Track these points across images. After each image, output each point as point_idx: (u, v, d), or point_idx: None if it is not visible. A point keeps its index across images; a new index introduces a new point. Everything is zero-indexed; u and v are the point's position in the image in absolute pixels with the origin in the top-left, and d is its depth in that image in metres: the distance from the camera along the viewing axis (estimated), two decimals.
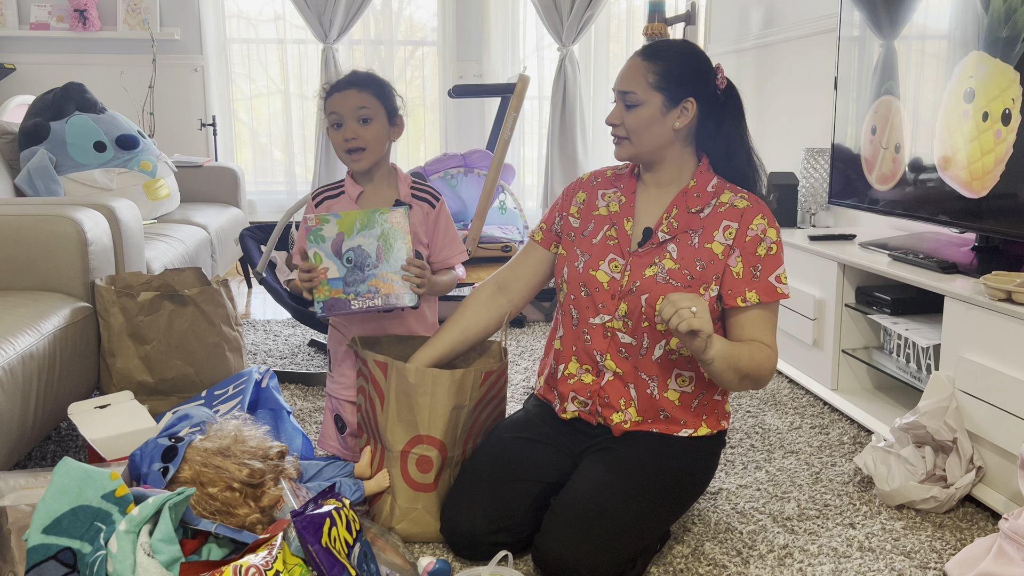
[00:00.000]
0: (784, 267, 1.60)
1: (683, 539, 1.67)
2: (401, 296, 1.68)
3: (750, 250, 1.58)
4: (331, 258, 1.67)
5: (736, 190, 1.64)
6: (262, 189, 5.11)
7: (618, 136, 1.64)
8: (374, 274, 1.67)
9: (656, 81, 1.58)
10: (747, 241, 1.58)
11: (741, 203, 1.61)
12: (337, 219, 1.66)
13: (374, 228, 1.66)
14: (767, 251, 1.59)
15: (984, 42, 1.95)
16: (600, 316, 1.64)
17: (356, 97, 1.75)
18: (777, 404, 2.45)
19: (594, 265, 1.66)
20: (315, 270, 1.66)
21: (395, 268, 1.67)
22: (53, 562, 1.26)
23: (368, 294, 1.67)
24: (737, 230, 1.59)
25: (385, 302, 1.68)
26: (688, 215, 1.62)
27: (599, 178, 1.77)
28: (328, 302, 1.68)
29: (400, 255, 1.67)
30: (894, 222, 2.74)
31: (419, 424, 1.62)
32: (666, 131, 1.60)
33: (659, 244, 1.62)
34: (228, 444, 1.50)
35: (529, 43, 5.13)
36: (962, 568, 1.50)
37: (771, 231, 1.60)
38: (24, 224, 1.98)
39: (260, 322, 3.42)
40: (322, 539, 1.18)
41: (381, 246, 1.67)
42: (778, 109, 3.61)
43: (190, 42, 4.81)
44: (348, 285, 1.67)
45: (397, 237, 1.67)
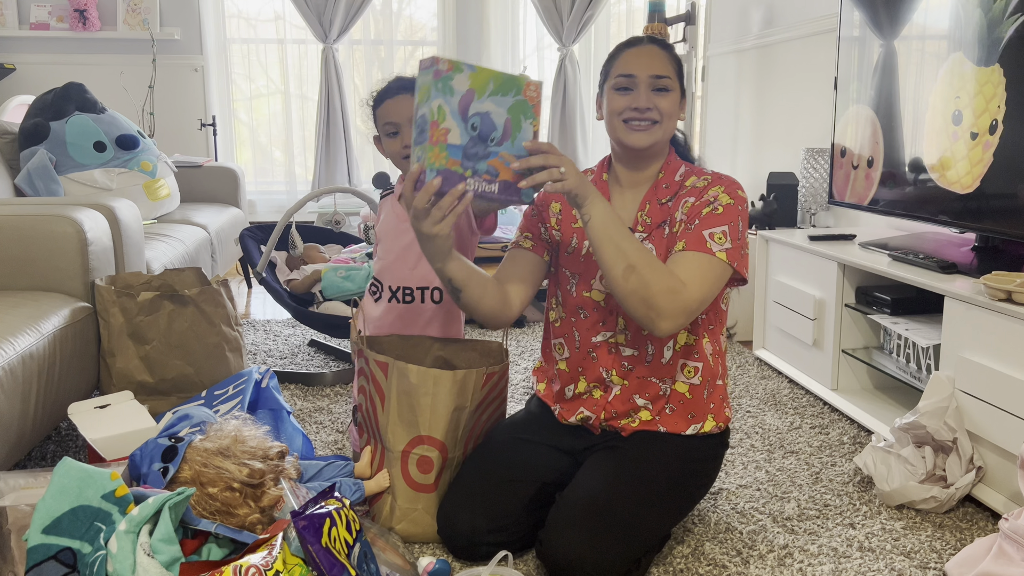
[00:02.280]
0: (724, 229, 1.52)
1: (683, 539, 1.67)
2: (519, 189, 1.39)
3: (695, 212, 1.56)
4: (455, 118, 1.34)
5: (701, 173, 1.62)
6: (262, 189, 5.11)
7: (650, 120, 1.58)
8: (496, 152, 1.37)
9: (677, 71, 1.61)
10: (697, 206, 1.57)
11: (702, 183, 1.60)
12: (471, 71, 1.34)
13: (507, 96, 1.37)
14: (711, 211, 1.54)
15: (967, 46, 1.95)
16: (602, 333, 1.64)
17: (411, 103, 1.77)
18: (777, 404, 2.45)
19: (586, 286, 1.64)
20: (435, 127, 1.33)
21: (519, 151, 1.39)
22: (53, 562, 1.26)
23: (487, 175, 1.37)
24: (693, 202, 1.58)
25: (501, 191, 1.38)
26: (659, 208, 1.62)
27: None
28: (443, 172, 1.34)
29: (527, 137, 1.39)
30: (894, 222, 2.74)
31: (420, 425, 1.62)
32: (675, 122, 1.62)
33: None
34: (228, 444, 1.50)
35: (529, 43, 5.13)
36: (962, 568, 1.50)
37: (724, 196, 1.56)
38: (24, 224, 1.98)
39: (260, 322, 3.42)
40: (322, 539, 1.18)
41: (510, 120, 1.38)
42: (778, 109, 3.61)
43: (190, 42, 4.81)
44: (467, 158, 1.36)
45: (527, 115, 1.39)
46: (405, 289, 1.88)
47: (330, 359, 2.91)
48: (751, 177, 3.94)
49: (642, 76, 1.57)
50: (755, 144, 3.89)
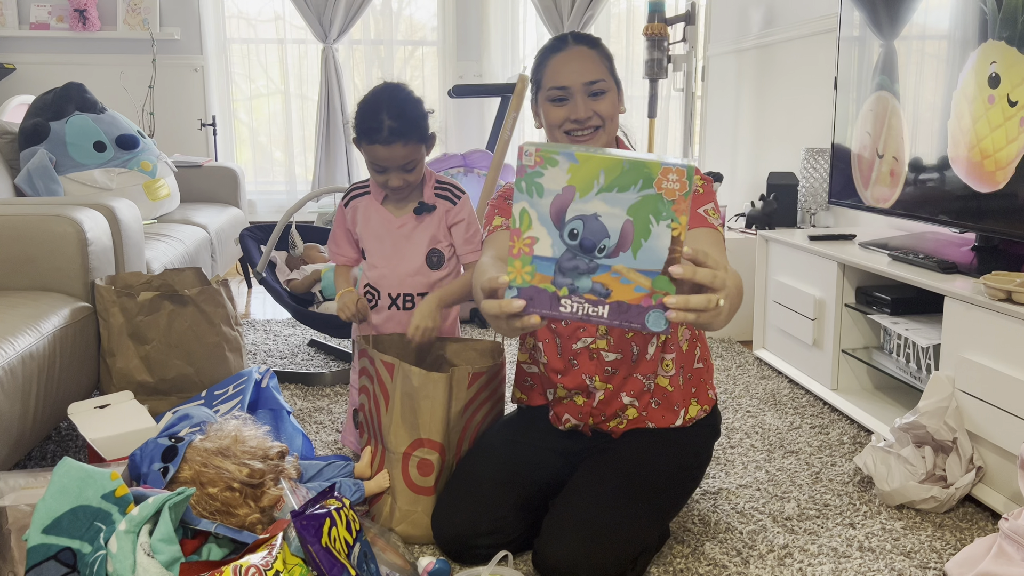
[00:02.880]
0: (713, 205, 1.52)
1: (683, 539, 1.67)
2: (645, 312, 1.07)
3: None
4: (545, 224, 1.07)
5: None
6: (262, 189, 5.11)
7: (592, 127, 1.55)
8: (607, 266, 1.06)
9: (608, 68, 1.57)
10: None
11: None
12: (571, 163, 1.05)
13: (628, 191, 1.04)
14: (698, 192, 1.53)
15: (998, 32, 1.95)
16: (582, 340, 1.61)
17: (402, 151, 1.74)
18: (777, 404, 2.45)
19: None
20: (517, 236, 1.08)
21: (646, 265, 1.05)
22: (53, 562, 1.26)
23: (590, 295, 1.08)
24: None
25: (613, 315, 1.08)
26: None
27: None
28: (525, 291, 1.08)
29: (660, 247, 1.05)
30: (894, 222, 2.74)
31: (420, 427, 1.62)
32: (618, 120, 1.60)
33: None
34: (228, 444, 1.50)
35: (529, 43, 5.13)
36: (962, 568, 1.50)
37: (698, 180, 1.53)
38: (24, 224, 1.98)
39: (260, 322, 3.42)
40: (322, 539, 1.18)
41: (632, 223, 1.05)
42: (778, 109, 3.61)
43: (190, 42, 4.81)
44: (563, 274, 1.08)
45: (663, 215, 1.04)
46: (406, 296, 1.88)
47: (330, 359, 2.91)
48: (751, 177, 3.94)
49: (575, 86, 1.52)
50: (755, 144, 3.89)
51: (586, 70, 1.54)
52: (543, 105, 1.57)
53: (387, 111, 1.72)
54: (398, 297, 1.88)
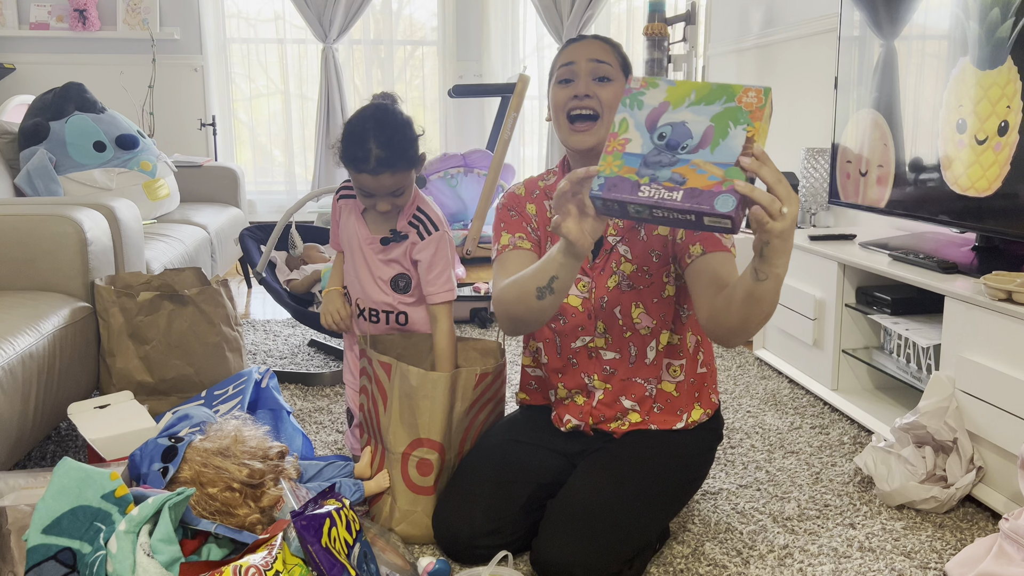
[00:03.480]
0: None
1: (683, 539, 1.67)
2: (715, 195, 1.15)
3: None
4: (639, 129, 1.23)
5: None
6: (262, 189, 5.11)
7: (590, 110, 1.51)
8: (687, 159, 1.19)
9: (621, 63, 1.56)
10: None
11: None
12: (669, 86, 1.25)
13: (712, 104, 1.21)
14: None
15: (973, 51, 1.95)
16: (581, 338, 1.62)
17: (390, 180, 1.70)
18: (777, 404, 2.45)
19: None
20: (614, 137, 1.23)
21: (721, 159, 1.17)
22: (53, 562, 1.26)
23: (668, 183, 1.18)
24: None
25: (686, 198, 1.16)
26: None
27: (535, 191, 1.68)
28: (612, 180, 1.21)
29: (735, 144, 1.17)
30: (894, 222, 2.74)
31: (420, 427, 1.62)
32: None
33: (611, 248, 1.59)
34: (228, 444, 1.50)
35: (529, 43, 5.13)
36: (962, 568, 1.50)
37: None
38: (24, 224, 1.98)
39: (260, 322, 3.42)
40: (322, 539, 1.18)
41: (713, 127, 1.20)
42: (778, 109, 3.61)
43: (190, 42, 4.81)
44: (647, 166, 1.20)
45: (739, 120, 1.19)
46: (371, 310, 1.87)
47: (330, 359, 2.91)
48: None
49: (581, 62, 1.52)
50: None
51: (595, 50, 1.54)
52: (553, 90, 1.56)
53: (374, 139, 1.65)
54: (365, 309, 1.88)
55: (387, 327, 1.86)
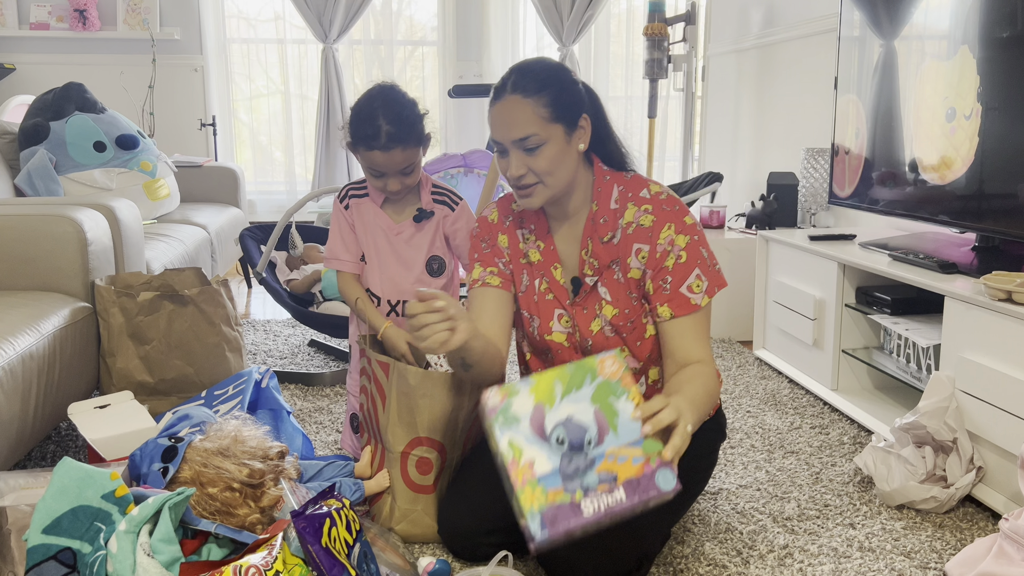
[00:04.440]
0: (698, 273, 1.48)
1: (683, 539, 1.67)
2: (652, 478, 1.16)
3: (659, 265, 1.49)
4: (533, 444, 1.16)
5: (638, 200, 1.51)
6: (262, 189, 5.11)
7: (526, 185, 1.46)
8: (602, 454, 1.16)
9: (551, 113, 1.43)
10: (657, 258, 1.49)
11: (647, 220, 1.50)
12: (529, 386, 1.20)
13: (583, 388, 1.19)
14: (676, 260, 1.48)
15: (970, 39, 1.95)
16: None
17: (401, 156, 1.72)
18: (777, 404, 2.45)
19: (547, 329, 1.58)
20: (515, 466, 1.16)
21: (629, 438, 1.16)
22: (53, 562, 1.26)
23: (602, 486, 1.14)
24: (648, 251, 1.50)
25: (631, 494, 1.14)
26: (602, 247, 1.52)
27: (509, 216, 1.62)
28: (547, 513, 1.13)
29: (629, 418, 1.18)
30: (894, 222, 2.74)
31: (419, 426, 1.62)
32: (573, 158, 1.48)
33: (591, 289, 1.55)
34: (228, 444, 1.50)
35: (529, 43, 5.13)
36: (962, 568, 1.50)
37: (680, 238, 1.49)
38: (24, 224, 1.98)
39: (260, 322, 3.42)
40: (322, 539, 1.18)
41: (600, 410, 1.18)
42: (778, 109, 3.61)
43: (190, 42, 4.81)
44: (569, 479, 1.15)
45: (616, 392, 1.20)
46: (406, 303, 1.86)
47: (330, 359, 2.91)
48: (751, 177, 3.94)
49: (506, 143, 1.45)
50: (755, 144, 3.89)
51: (514, 126, 1.43)
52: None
53: (384, 116, 1.69)
54: (398, 304, 1.87)
55: None
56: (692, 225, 1.50)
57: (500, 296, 1.59)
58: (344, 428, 2.03)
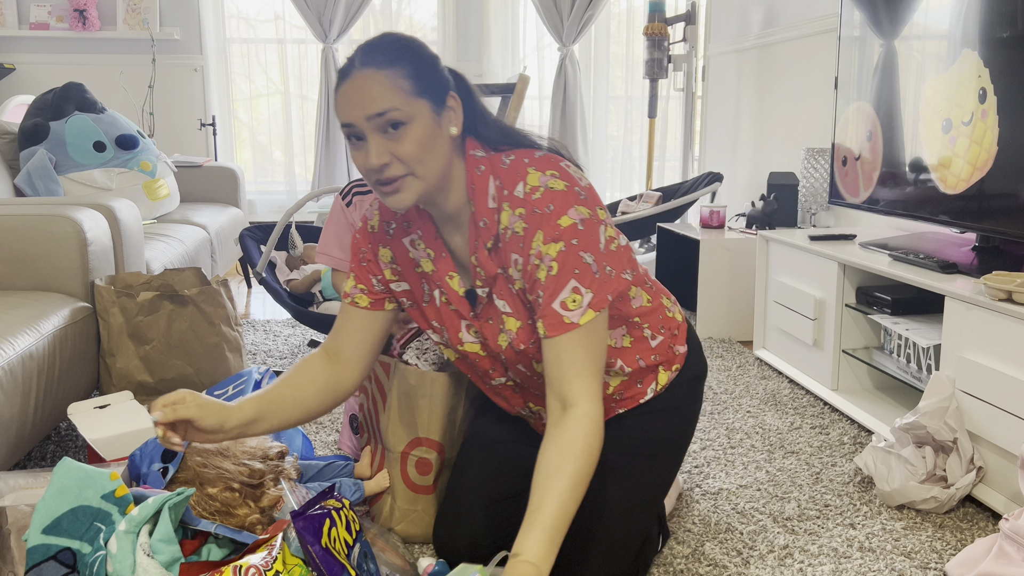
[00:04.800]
0: (574, 286, 1.23)
1: (683, 539, 1.67)
2: None
3: (532, 278, 1.26)
4: None
5: (512, 201, 1.26)
6: (262, 189, 5.11)
7: (393, 177, 1.21)
8: None
9: (413, 86, 1.20)
10: (529, 271, 1.26)
11: (519, 227, 1.25)
12: None
13: None
14: (547, 272, 1.24)
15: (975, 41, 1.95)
16: (496, 379, 1.44)
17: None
18: (777, 404, 2.45)
19: (457, 340, 1.40)
20: None
21: None
22: (53, 562, 1.26)
23: None
24: (523, 263, 1.27)
25: None
26: (488, 256, 1.30)
27: (391, 223, 1.41)
28: None
29: None
30: (894, 222, 2.74)
31: (419, 426, 1.62)
32: (445, 143, 1.24)
33: (487, 301, 1.34)
34: (227, 444, 1.50)
35: (529, 43, 5.13)
36: (962, 568, 1.50)
37: (550, 248, 1.23)
38: (24, 224, 1.98)
39: (260, 322, 3.42)
40: (322, 539, 1.18)
41: None
42: (778, 109, 3.61)
43: (190, 42, 4.81)
44: None
45: None
46: None
47: None
48: (751, 177, 3.95)
49: (360, 123, 1.19)
50: (755, 144, 3.89)
51: (367, 100, 1.18)
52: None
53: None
54: None
55: None
56: (570, 227, 1.23)
57: (365, 317, 1.43)
58: (343, 428, 2.03)
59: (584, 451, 1.20)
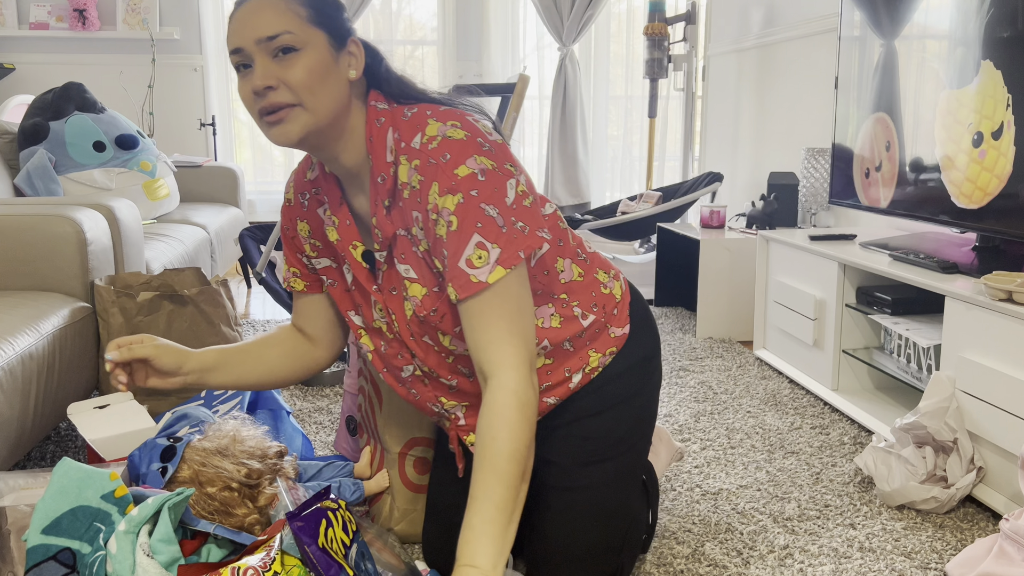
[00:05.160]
0: (478, 241, 1.12)
1: (683, 539, 1.67)
2: None
3: (433, 235, 1.17)
4: None
5: (410, 153, 1.17)
6: (262, 189, 5.11)
7: (279, 104, 1.12)
8: None
9: (310, 15, 1.13)
10: (429, 227, 1.17)
11: (415, 180, 1.15)
12: None
13: None
14: (447, 228, 1.14)
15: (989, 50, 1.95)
16: (406, 367, 1.34)
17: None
18: (777, 404, 2.45)
19: (369, 319, 1.32)
20: None
21: None
22: (52, 562, 1.26)
23: None
24: (423, 220, 1.17)
25: None
26: (386, 218, 1.21)
27: (305, 192, 1.33)
28: None
29: None
30: (894, 222, 2.74)
31: (415, 425, 1.62)
32: (341, 83, 1.16)
33: (390, 267, 1.25)
34: (227, 444, 1.50)
35: (529, 43, 5.13)
36: (963, 568, 1.50)
37: (447, 200, 1.12)
38: (24, 224, 1.98)
39: (260, 322, 3.42)
40: (318, 540, 1.18)
41: None
42: (778, 109, 3.61)
43: (190, 42, 4.81)
44: None
45: None
46: None
47: None
48: (751, 177, 3.94)
49: (249, 47, 1.12)
50: (755, 144, 3.89)
51: (260, 23, 1.11)
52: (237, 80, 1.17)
53: None
54: None
55: None
56: (468, 177, 1.12)
57: (311, 301, 1.41)
58: (339, 431, 2.02)
59: (504, 429, 1.09)
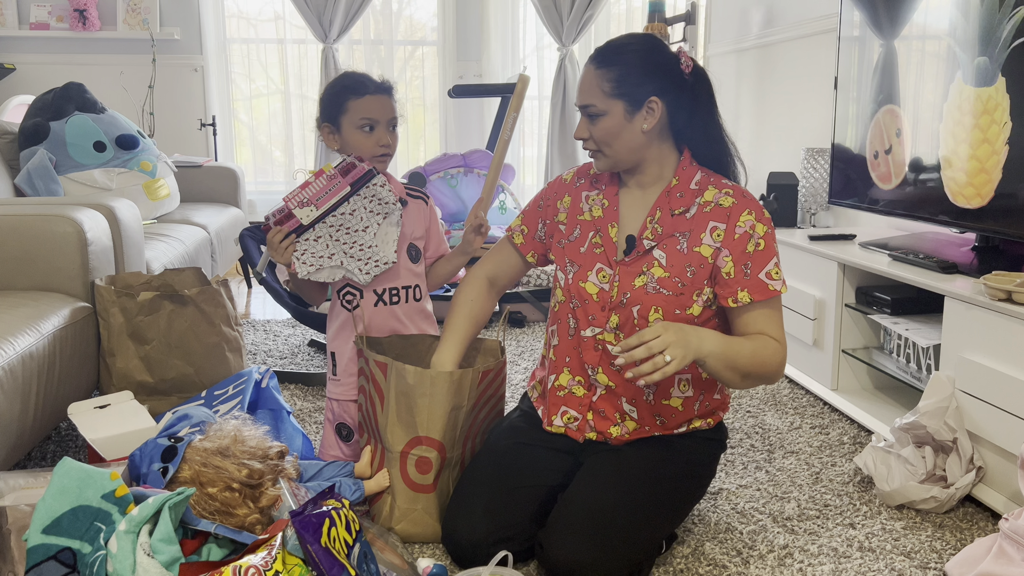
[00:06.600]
0: (776, 261, 1.55)
1: (683, 539, 1.67)
2: None
3: (739, 248, 1.53)
4: None
5: (720, 184, 1.58)
6: (262, 189, 5.11)
7: (590, 149, 1.61)
8: None
9: (612, 88, 1.53)
10: (736, 240, 1.54)
11: (726, 201, 1.56)
12: None
13: None
14: (756, 247, 1.53)
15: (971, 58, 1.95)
16: (591, 328, 1.60)
17: (390, 104, 1.81)
18: (777, 404, 2.45)
19: (583, 276, 1.62)
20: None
21: None
22: (53, 562, 1.26)
23: None
24: (725, 230, 1.54)
25: None
26: (672, 218, 1.57)
27: (582, 178, 1.72)
28: None
29: None
30: (894, 222, 2.74)
31: (418, 425, 1.62)
32: (636, 135, 1.55)
33: (645, 252, 1.58)
34: (227, 444, 1.50)
35: (529, 43, 5.13)
36: (962, 568, 1.50)
37: (760, 226, 1.54)
38: (24, 224, 1.98)
39: (260, 322, 3.42)
40: (321, 539, 1.18)
41: None
42: (778, 109, 3.61)
43: (190, 42, 4.81)
44: None
45: None
46: (391, 290, 1.86)
47: None
48: (751, 177, 3.94)
49: (578, 106, 1.59)
50: (755, 144, 3.89)
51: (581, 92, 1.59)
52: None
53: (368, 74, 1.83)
54: (384, 292, 1.85)
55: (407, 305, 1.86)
56: (769, 219, 1.57)
57: (512, 253, 1.80)
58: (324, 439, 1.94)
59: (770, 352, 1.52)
